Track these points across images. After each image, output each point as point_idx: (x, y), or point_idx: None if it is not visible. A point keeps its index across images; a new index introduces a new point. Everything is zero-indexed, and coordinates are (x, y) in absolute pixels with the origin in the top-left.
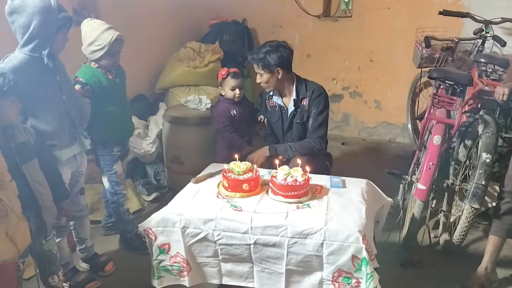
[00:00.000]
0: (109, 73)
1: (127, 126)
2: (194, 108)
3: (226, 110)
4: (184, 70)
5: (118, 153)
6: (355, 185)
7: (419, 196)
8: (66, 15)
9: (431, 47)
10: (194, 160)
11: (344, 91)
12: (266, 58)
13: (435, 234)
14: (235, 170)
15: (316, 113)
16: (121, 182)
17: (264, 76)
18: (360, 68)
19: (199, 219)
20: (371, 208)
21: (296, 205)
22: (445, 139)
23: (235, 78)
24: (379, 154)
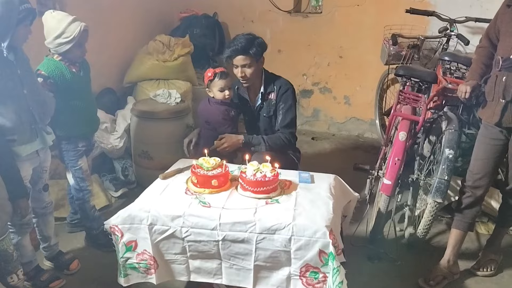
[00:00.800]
0: (72, 66)
1: (92, 120)
2: (163, 103)
3: (223, 113)
4: (153, 64)
5: (83, 148)
6: (323, 180)
7: (385, 191)
8: (28, 6)
9: (398, 44)
10: (162, 155)
11: (314, 87)
12: (255, 45)
13: (401, 227)
14: (204, 166)
15: (284, 108)
16: (86, 178)
17: (252, 68)
18: (330, 64)
19: (166, 216)
20: (339, 203)
21: (265, 200)
22: (411, 135)
23: (223, 78)
24: (347, 149)
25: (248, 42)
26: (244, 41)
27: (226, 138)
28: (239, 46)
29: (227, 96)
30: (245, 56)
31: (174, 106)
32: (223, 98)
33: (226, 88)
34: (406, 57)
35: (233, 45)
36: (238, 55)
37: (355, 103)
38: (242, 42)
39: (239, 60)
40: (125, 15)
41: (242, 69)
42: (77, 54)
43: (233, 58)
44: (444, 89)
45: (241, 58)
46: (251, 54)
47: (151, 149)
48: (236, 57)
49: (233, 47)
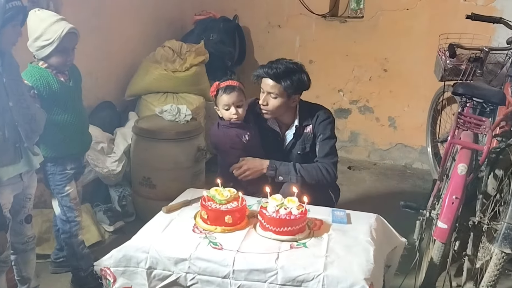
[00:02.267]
0: (60, 74)
1: (83, 138)
2: (171, 120)
3: (232, 139)
4: (161, 74)
5: (72, 171)
6: (362, 220)
7: (439, 237)
8: (17, 4)
9: (456, 56)
10: (168, 183)
11: (352, 105)
12: (292, 79)
13: (458, 282)
14: (217, 199)
15: (323, 138)
16: (74, 207)
17: (278, 100)
18: (372, 79)
19: (169, 259)
20: (381, 250)
21: (290, 243)
22: (472, 168)
23: (228, 93)
24: (392, 183)
25: (286, 71)
26: (283, 68)
27: (247, 161)
28: (273, 71)
29: (233, 116)
30: (275, 83)
31: (184, 124)
32: (230, 118)
33: (234, 106)
34: (466, 73)
35: (268, 66)
36: (267, 78)
37: (402, 126)
38: (280, 68)
39: (267, 85)
40: (130, 17)
41: (266, 97)
42: (60, 60)
43: (263, 79)
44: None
45: (270, 84)
46: (282, 85)
47: (154, 176)
48: (265, 79)
49: (266, 68)
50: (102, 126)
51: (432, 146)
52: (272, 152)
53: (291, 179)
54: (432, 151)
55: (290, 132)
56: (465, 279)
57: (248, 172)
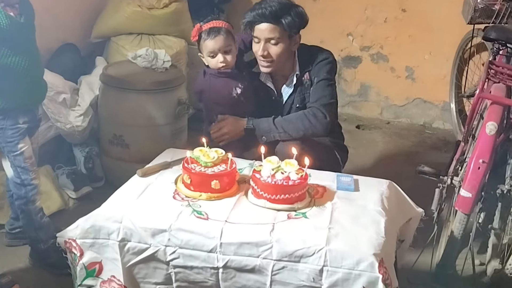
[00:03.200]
0: (9, 8)
1: (36, 86)
2: (147, 67)
3: (221, 90)
4: (134, 11)
5: (25, 125)
6: (372, 187)
7: (461, 207)
8: None
9: None
10: (143, 142)
11: (364, 52)
12: (291, 14)
13: (481, 260)
14: (202, 160)
15: (317, 81)
16: (30, 168)
17: (280, 46)
18: (388, 21)
19: (145, 229)
20: (394, 221)
21: (287, 213)
22: (503, 127)
23: (212, 37)
24: (408, 144)
25: (282, 7)
26: (277, 5)
27: (227, 121)
28: (268, 10)
29: (220, 64)
30: (274, 25)
31: (162, 73)
32: (217, 66)
33: (220, 51)
34: (500, 14)
35: (258, 7)
36: (264, 22)
37: (422, 78)
38: (274, 5)
39: (264, 31)
40: None
41: (265, 45)
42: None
43: (256, 25)
44: None
45: (268, 28)
46: (283, 25)
47: (127, 133)
48: (259, 24)
49: (258, 10)
50: (64, 74)
51: (456, 101)
52: (265, 109)
53: (274, 136)
54: (456, 108)
55: (289, 86)
56: (489, 256)
57: (227, 136)
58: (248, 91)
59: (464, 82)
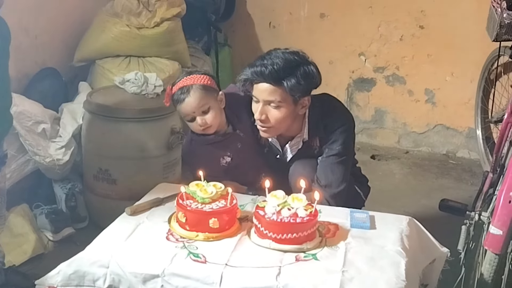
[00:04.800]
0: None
1: (1, 116)
2: (136, 93)
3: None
4: (122, 32)
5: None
6: (390, 225)
7: (492, 246)
8: None
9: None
10: (132, 177)
11: (378, 74)
12: (297, 75)
13: None
14: (198, 196)
15: (328, 154)
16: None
17: (281, 110)
18: (404, 38)
19: (136, 275)
20: (416, 263)
21: (295, 255)
22: None
23: (182, 100)
24: (429, 176)
25: (286, 67)
26: (280, 64)
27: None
28: (268, 69)
29: (200, 127)
30: (275, 87)
31: (153, 99)
32: (198, 130)
33: (197, 114)
34: None
35: (259, 63)
36: (262, 82)
37: (444, 102)
38: (277, 63)
39: (263, 92)
40: None
41: (264, 108)
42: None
43: (254, 84)
44: None
45: (267, 90)
46: (284, 88)
47: (114, 167)
48: (258, 84)
49: (258, 67)
50: (44, 101)
51: (483, 128)
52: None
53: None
54: (483, 135)
55: (294, 147)
56: None
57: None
58: (242, 155)
59: (491, 106)
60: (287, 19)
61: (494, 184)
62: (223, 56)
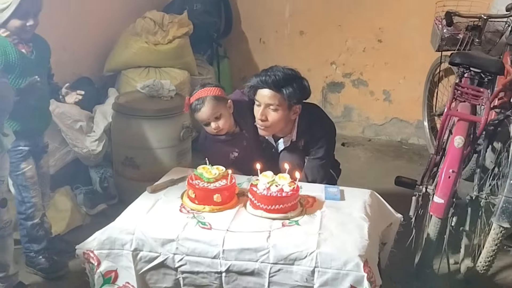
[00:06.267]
0: (23, 45)
1: (40, 116)
2: (154, 96)
3: (220, 154)
4: (142, 47)
5: (27, 148)
6: (356, 197)
7: (435, 212)
8: None
9: (453, 25)
10: (152, 163)
11: (346, 79)
12: (294, 86)
13: (455, 259)
14: (205, 177)
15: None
16: (31, 186)
17: (278, 113)
18: (366, 50)
19: (155, 240)
20: (376, 226)
21: (282, 222)
22: (469, 141)
23: (198, 109)
24: (387, 159)
25: (286, 77)
26: (281, 75)
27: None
28: (271, 78)
29: (214, 130)
30: (275, 93)
31: (168, 101)
32: (212, 132)
33: (211, 120)
34: (464, 42)
35: (264, 74)
36: (265, 88)
37: (398, 100)
38: (278, 75)
39: (264, 97)
40: None
41: (265, 110)
42: (18, 26)
43: (258, 90)
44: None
45: (268, 95)
46: (283, 94)
47: (137, 156)
48: (262, 89)
49: (263, 76)
50: (80, 104)
51: (428, 120)
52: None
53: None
54: (429, 125)
55: (283, 143)
56: (462, 255)
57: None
58: (246, 151)
59: (435, 102)
60: (274, 36)
61: (438, 164)
62: (223, 66)
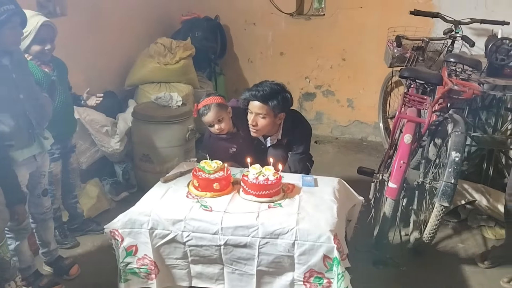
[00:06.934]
0: (45, 66)
1: (66, 122)
2: (165, 106)
3: (221, 150)
4: (155, 67)
5: (58, 151)
6: (327, 184)
7: (390, 195)
8: (10, 7)
9: (402, 46)
10: (164, 159)
11: (317, 90)
12: (278, 99)
13: (406, 232)
14: (206, 169)
15: (295, 152)
16: (54, 182)
17: (266, 120)
18: (333, 67)
19: (167, 220)
20: (343, 207)
21: (268, 204)
22: (416, 137)
23: (205, 114)
24: (351, 153)
25: (271, 92)
26: (268, 90)
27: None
28: (260, 93)
29: (217, 131)
30: (263, 104)
31: (176, 109)
32: (215, 132)
33: (215, 123)
34: (410, 59)
35: (254, 89)
36: (255, 101)
37: (359, 106)
38: (266, 90)
39: (255, 107)
40: (126, 18)
41: (255, 117)
42: (39, 50)
43: (250, 102)
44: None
45: (257, 106)
46: (269, 105)
47: (152, 153)
48: (252, 101)
49: (253, 91)
50: (106, 112)
51: (383, 121)
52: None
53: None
54: (384, 126)
55: (270, 141)
56: (411, 229)
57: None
58: (242, 147)
59: (388, 107)
60: (259, 56)
61: (391, 156)
62: (219, 81)
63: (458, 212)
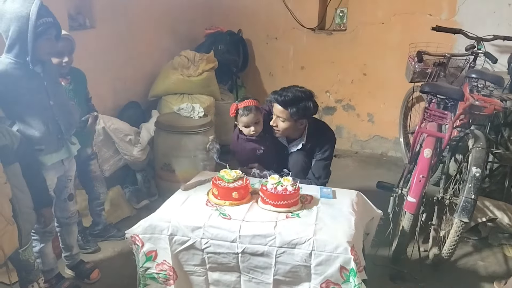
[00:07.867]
0: (62, 78)
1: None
2: (187, 116)
3: (249, 152)
4: (178, 78)
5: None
6: (345, 196)
7: (409, 209)
8: (48, 20)
9: (423, 62)
10: (184, 168)
11: (337, 104)
12: (299, 107)
13: (425, 248)
14: (225, 178)
15: (320, 158)
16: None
17: (286, 123)
18: (353, 82)
19: (187, 227)
20: (361, 219)
21: (286, 214)
22: (436, 152)
23: (246, 115)
24: (370, 167)
25: (293, 99)
26: (291, 96)
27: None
28: (281, 98)
29: (252, 132)
30: (283, 109)
31: (197, 120)
32: (248, 134)
33: (252, 124)
34: (432, 75)
35: (279, 93)
36: (277, 104)
37: (379, 121)
38: (289, 95)
39: (276, 110)
40: (152, 31)
41: (276, 119)
42: (56, 63)
43: (273, 103)
44: (471, 107)
45: (279, 109)
46: (288, 111)
47: (173, 162)
48: (275, 104)
49: (277, 95)
50: (130, 122)
51: (403, 137)
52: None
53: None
54: (404, 141)
55: (295, 147)
56: (431, 245)
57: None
58: (268, 149)
59: (409, 122)
60: (280, 70)
61: (411, 171)
62: (241, 94)
63: (479, 230)
